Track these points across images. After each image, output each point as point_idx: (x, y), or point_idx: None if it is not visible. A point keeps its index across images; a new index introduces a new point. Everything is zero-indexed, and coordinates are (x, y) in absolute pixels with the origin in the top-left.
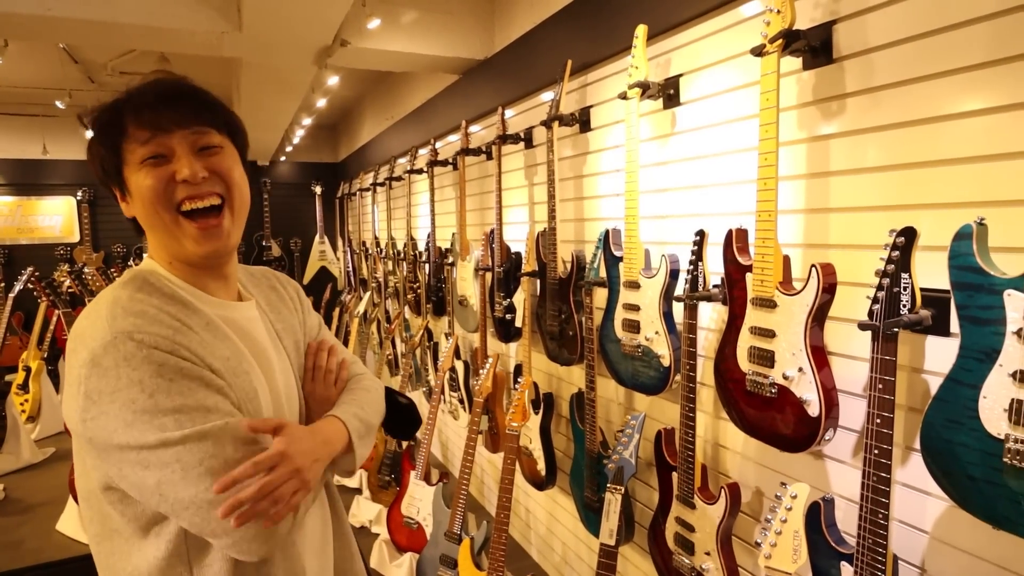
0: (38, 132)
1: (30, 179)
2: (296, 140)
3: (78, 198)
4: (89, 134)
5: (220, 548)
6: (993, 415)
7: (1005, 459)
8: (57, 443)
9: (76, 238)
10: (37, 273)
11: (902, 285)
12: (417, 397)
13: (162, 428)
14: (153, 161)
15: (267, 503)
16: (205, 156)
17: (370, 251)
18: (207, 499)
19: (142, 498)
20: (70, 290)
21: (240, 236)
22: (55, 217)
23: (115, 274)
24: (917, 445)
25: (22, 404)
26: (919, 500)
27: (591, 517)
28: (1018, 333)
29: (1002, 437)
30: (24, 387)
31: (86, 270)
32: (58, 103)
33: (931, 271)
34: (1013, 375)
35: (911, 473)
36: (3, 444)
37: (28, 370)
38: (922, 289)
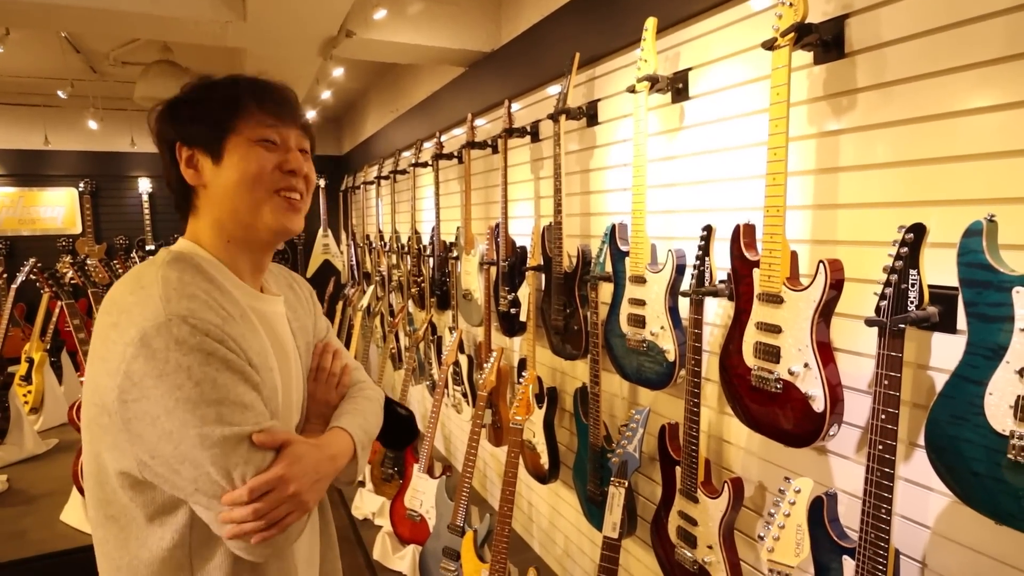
0: (39, 122)
1: (31, 170)
2: None
3: (80, 189)
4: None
5: (233, 548)
6: (999, 412)
7: (1009, 455)
8: (60, 434)
9: (78, 230)
10: (40, 264)
11: (910, 281)
12: (420, 391)
13: (203, 420)
14: (268, 144)
15: (256, 525)
16: (303, 157)
17: (374, 245)
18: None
19: (173, 490)
20: (72, 281)
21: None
22: (57, 208)
23: (117, 266)
24: (921, 441)
25: (25, 395)
26: (922, 496)
27: (594, 511)
28: None
29: (1007, 433)
30: (27, 378)
31: (88, 262)
32: (60, 93)
33: (939, 268)
34: (1020, 372)
35: (914, 469)
36: (6, 435)
37: (31, 361)
38: (930, 286)
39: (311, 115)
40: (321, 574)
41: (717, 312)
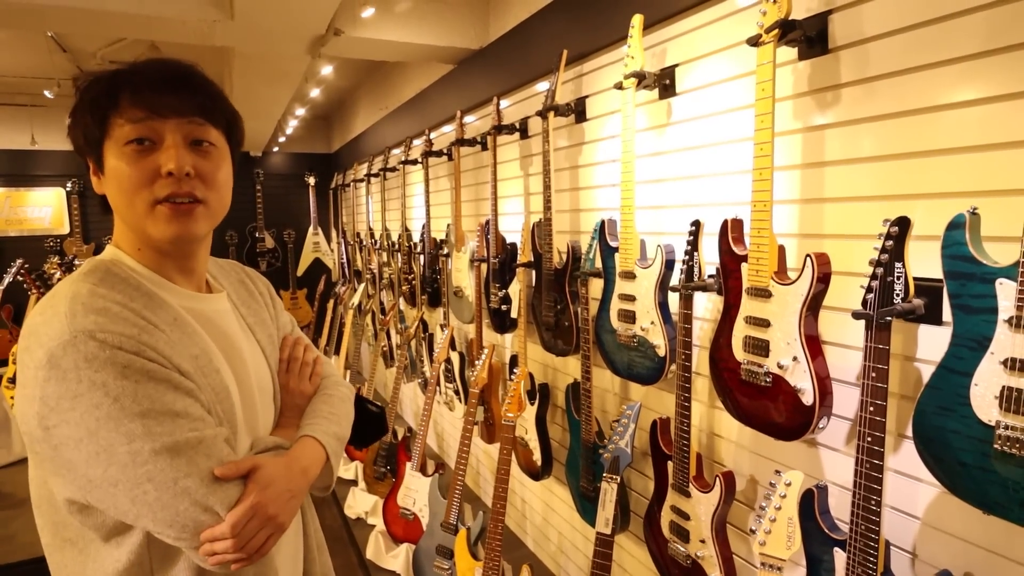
0: (26, 122)
1: (18, 170)
2: (289, 130)
3: (68, 189)
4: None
5: (200, 563)
6: (984, 402)
7: (995, 445)
8: None
9: (66, 230)
10: (27, 265)
11: (896, 274)
12: (412, 388)
13: (130, 436)
14: (138, 146)
15: (239, 554)
16: (195, 152)
17: (364, 242)
18: (189, 519)
19: (117, 514)
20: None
21: (210, 229)
22: (44, 208)
23: None
24: (909, 432)
25: (13, 398)
26: (911, 487)
27: (587, 507)
28: (1009, 321)
29: (993, 424)
30: (15, 381)
31: (76, 262)
32: (46, 92)
33: (924, 260)
34: (1004, 363)
35: (903, 460)
36: None
37: None
38: (915, 278)
39: (300, 112)
40: (306, 574)
41: (707, 307)
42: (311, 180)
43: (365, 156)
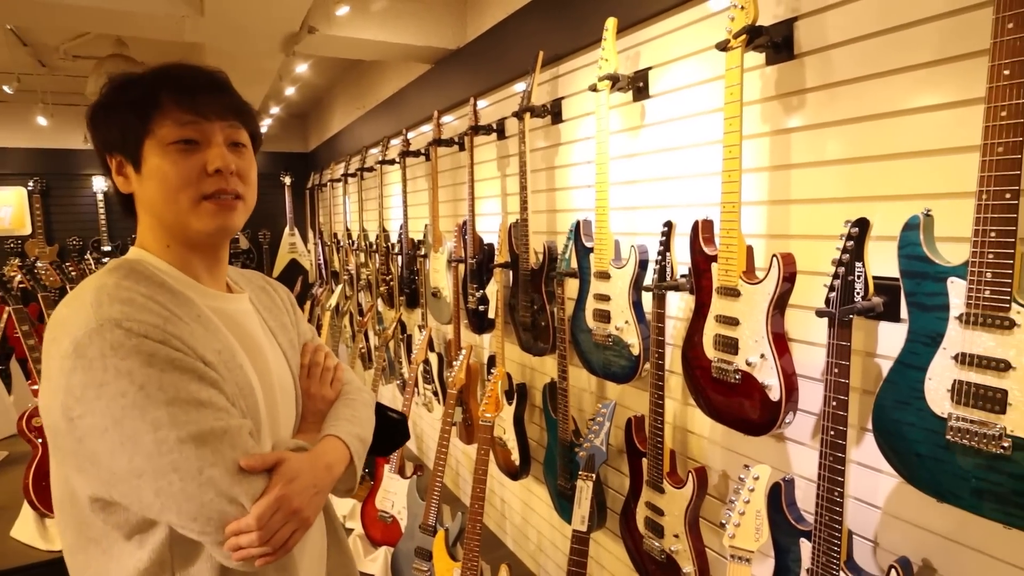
0: None
1: None
2: (264, 129)
3: (29, 188)
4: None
5: (223, 560)
6: (937, 396)
7: (948, 436)
8: (10, 447)
9: (28, 231)
10: None
11: (856, 274)
12: (391, 390)
13: (156, 425)
14: (184, 146)
15: (263, 550)
16: (233, 152)
17: (342, 243)
18: (215, 510)
19: (141, 508)
20: (21, 285)
21: (244, 223)
22: (4, 208)
23: (70, 268)
24: (870, 426)
25: None
26: (872, 478)
27: (564, 505)
28: (960, 318)
29: (945, 416)
30: None
31: (39, 264)
32: (6, 88)
33: (884, 260)
34: (955, 357)
35: (865, 452)
36: None
37: None
38: (875, 277)
39: (275, 111)
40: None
41: (679, 306)
42: (287, 180)
43: (342, 155)
